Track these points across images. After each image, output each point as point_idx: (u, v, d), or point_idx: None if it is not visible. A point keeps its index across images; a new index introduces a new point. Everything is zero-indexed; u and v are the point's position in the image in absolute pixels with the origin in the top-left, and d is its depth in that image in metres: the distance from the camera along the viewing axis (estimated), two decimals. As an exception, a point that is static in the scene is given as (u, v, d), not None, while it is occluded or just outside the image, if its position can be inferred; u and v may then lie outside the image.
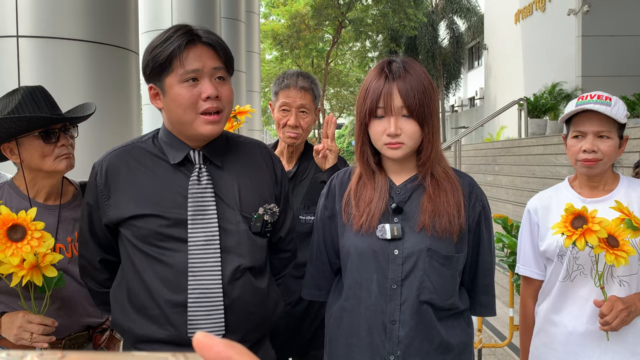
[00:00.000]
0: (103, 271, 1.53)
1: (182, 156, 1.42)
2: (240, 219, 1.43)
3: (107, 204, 1.43)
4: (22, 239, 1.38)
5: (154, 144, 1.47)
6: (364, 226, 1.44)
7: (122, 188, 1.42)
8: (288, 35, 20.81)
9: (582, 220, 1.53)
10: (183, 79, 1.35)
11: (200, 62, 1.35)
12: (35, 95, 1.60)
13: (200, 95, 1.36)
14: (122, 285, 1.45)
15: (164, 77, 1.37)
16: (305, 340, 2.10)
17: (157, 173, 1.43)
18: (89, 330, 1.69)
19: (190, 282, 1.36)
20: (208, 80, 1.37)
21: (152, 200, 1.39)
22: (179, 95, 1.36)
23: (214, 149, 1.46)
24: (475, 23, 22.35)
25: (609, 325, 1.57)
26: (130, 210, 1.40)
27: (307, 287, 1.64)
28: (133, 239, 1.40)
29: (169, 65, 1.35)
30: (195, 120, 1.37)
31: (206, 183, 1.41)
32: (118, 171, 1.44)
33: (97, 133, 2.61)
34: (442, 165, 1.48)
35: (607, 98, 1.66)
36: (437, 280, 1.41)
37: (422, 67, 1.47)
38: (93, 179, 1.47)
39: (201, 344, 0.35)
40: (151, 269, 1.38)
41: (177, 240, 1.38)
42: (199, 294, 1.36)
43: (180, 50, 1.34)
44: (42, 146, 1.57)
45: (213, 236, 1.38)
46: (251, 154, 1.54)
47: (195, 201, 1.39)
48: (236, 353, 0.35)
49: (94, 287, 1.55)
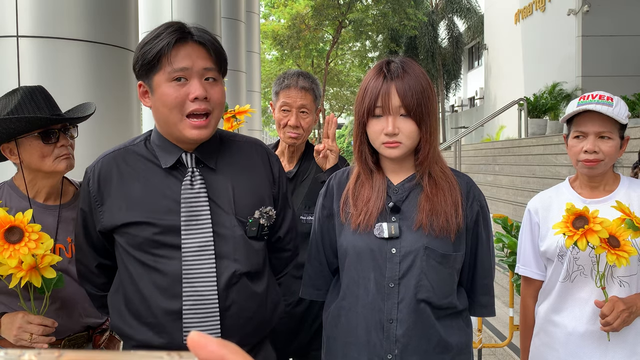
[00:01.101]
0: (101, 275, 1.51)
1: (173, 160, 1.38)
2: (235, 223, 1.39)
3: (100, 210, 1.40)
4: (20, 241, 1.37)
5: (146, 147, 1.42)
6: (362, 225, 1.44)
7: (115, 194, 1.38)
8: (288, 35, 20.81)
9: (584, 221, 1.53)
10: (171, 77, 1.30)
11: (189, 61, 1.30)
12: (35, 96, 1.59)
13: (188, 95, 1.30)
14: (119, 291, 1.43)
15: (152, 74, 1.32)
16: (306, 341, 2.09)
17: (149, 178, 1.38)
18: (88, 331, 1.69)
19: (185, 289, 1.33)
20: (197, 80, 1.31)
21: (144, 208, 1.35)
22: (165, 94, 1.30)
23: (207, 150, 1.42)
24: (475, 23, 22.34)
25: (610, 326, 1.57)
26: (123, 217, 1.36)
27: (305, 287, 1.64)
28: (127, 246, 1.37)
29: (158, 62, 1.30)
30: (181, 122, 1.32)
31: (199, 187, 1.36)
32: (110, 177, 1.39)
33: (97, 133, 2.61)
34: (439, 165, 1.48)
35: (608, 98, 1.66)
36: (434, 279, 1.42)
37: (421, 67, 1.47)
38: (86, 184, 1.43)
39: (195, 343, 0.35)
40: (146, 276, 1.35)
41: (171, 248, 1.34)
42: (194, 301, 1.33)
43: (169, 48, 1.28)
44: (42, 147, 1.57)
45: (207, 242, 1.35)
46: (247, 154, 1.50)
47: (189, 206, 1.35)
48: (229, 352, 0.35)
49: (93, 291, 1.54)
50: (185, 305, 1.33)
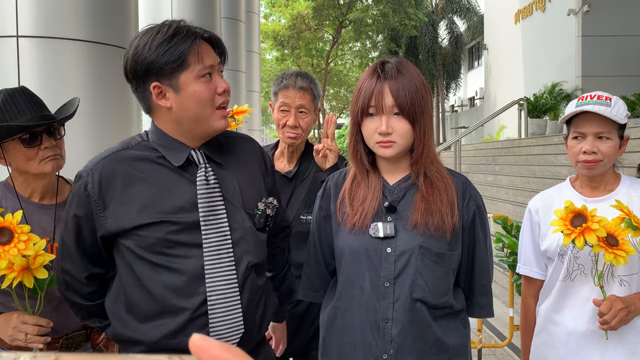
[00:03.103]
0: (90, 285, 1.44)
1: (184, 157, 1.38)
2: (245, 216, 1.42)
3: (102, 215, 1.35)
4: (9, 242, 1.37)
5: (145, 149, 1.40)
6: (357, 225, 1.45)
7: (120, 198, 1.35)
8: (289, 35, 20.81)
9: (582, 219, 1.53)
10: (200, 74, 1.33)
11: (212, 58, 1.37)
12: (15, 98, 1.55)
13: (216, 89, 1.37)
14: (120, 298, 1.39)
15: (178, 74, 1.31)
16: (306, 341, 2.10)
17: (157, 178, 1.37)
18: (86, 330, 1.69)
19: (208, 286, 1.33)
20: (218, 75, 1.39)
21: (157, 208, 1.34)
22: (198, 91, 1.33)
23: (213, 146, 1.44)
24: (475, 23, 22.34)
25: (607, 325, 1.57)
26: (133, 220, 1.33)
27: (303, 289, 1.65)
28: (137, 249, 1.33)
29: (185, 61, 1.31)
30: (212, 115, 1.37)
31: (214, 183, 1.39)
32: (113, 180, 1.35)
33: (97, 133, 2.61)
34: (435, 165, 1.48)
35: (607, 98, 1.66)
36: (429, 278, 1.42)
37: (416, 68, 1.48)
38: (82, 189, 1.36)
39: (197, 347, 0.34)
40: (157, 277, 1.33)
41: (188, 246, 1.34)
42: (217, 297, 1.34)
43: (197, 46, 1.33)
44: (25, 150, 1.54)
45: (225, 237, 1.37)
46: (244, 148, 1.54)
47: (207, 202, 1.36)
48: (233, 356, 0.34)
49: (80, 301, 1.45)
50: (210, 301, 1.34)
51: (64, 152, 1.65)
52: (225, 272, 1.36)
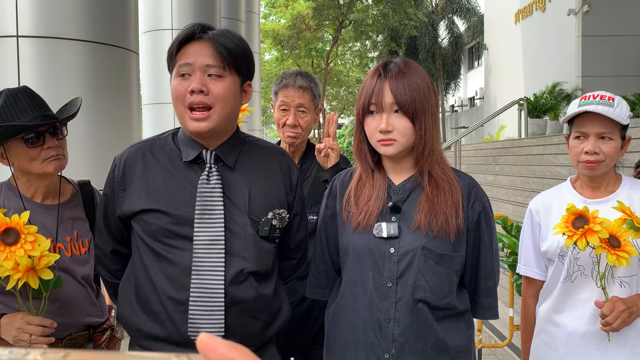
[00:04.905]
0: (114, 262, 1.56)
1: (194, 154, 1.43)
2: (248, 221, 1.42)
3: (122, 196, 1.46)
4: (16, 243, 1.37)
5: (173, 141, 1.50)
6: (362, 224, 1.45)
7: (137, 182, 1.44)
8: (288, 35, 20.81)
9: (584, 221, 1.52)
10: (177, 72, 1.39)
11: (193, 58, 1.38)
12: (18, 98, 1.56)
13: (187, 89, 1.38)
14: (131, 279, 1.46)
15: (171, 69, 1.43)
16: (308, 340, 2.09)
17: (170, 170, 1.44)
18: (89, 330, 1.69)
19: (193, 280, 1.36)
20: (198, 75, 1.37)
21: (162, 197, 1.41)
22: (173, 87, 1.40)
23: (228, 149, 1.47)
24: (475, 23, 22.33)
25: (610, 326, 1.57)
26: (141, 204, 1.41)
27: (310, 286, 1.66)
28: (142, 234, 1.41)
29: (172, 59, 1.42)
30: (185, 114, 1.39)
31: (215, 183, 1.41)
32: (135, 165, 1.46)
33: (97, 133, 2.61)
34: (441, 165, 1.48)
35: (610, 98, 1.65)
36: (431, 279, 1.42)
37: (421, 67, 1.48)
38: (112, 171, 1.50)
39: (205, 346, 0.34)
40: (158, 265, 1.39)
41: (183, 239, 1.38)
42: (201, 293, 1.36)
43: (180, 45, 1.39)
44: (27, 150, 1.55)
45: (218, 236, 1.38)
46: (267, 158, 1.53)
47: (203, 200, 1.39)
48: (240, 355, 0.34)
49: (107, 277, 1.58)
50: (192, 296, 1.36)
51: (67, 152, 1.65)
52: (213, 271, 1.37)
